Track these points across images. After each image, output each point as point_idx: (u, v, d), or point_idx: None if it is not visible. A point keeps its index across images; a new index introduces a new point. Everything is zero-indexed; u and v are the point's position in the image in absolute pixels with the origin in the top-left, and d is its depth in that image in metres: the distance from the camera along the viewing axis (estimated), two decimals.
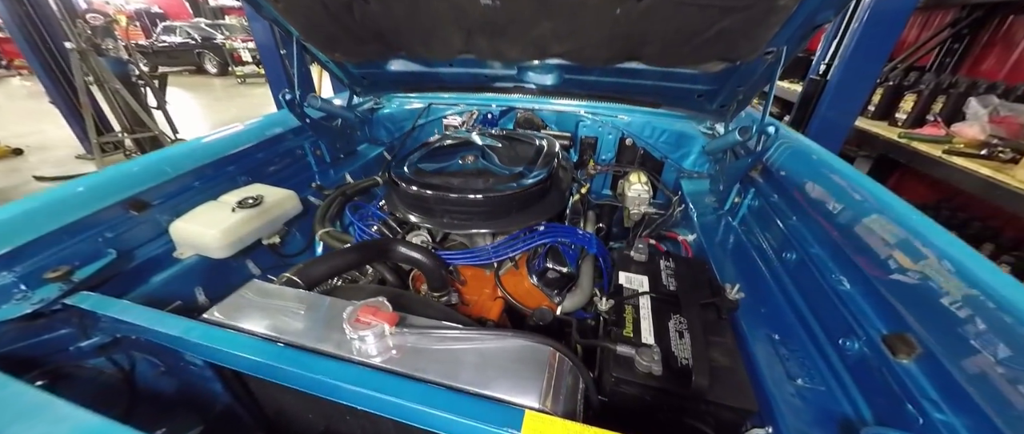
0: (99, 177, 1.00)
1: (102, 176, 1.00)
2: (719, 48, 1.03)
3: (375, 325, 0.57)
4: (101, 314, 0.69)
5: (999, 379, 0.48)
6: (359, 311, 0.58)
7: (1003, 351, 0.49)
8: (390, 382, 0.53)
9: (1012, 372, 0.47)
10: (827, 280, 0.78)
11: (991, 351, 0.50)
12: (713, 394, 0.59)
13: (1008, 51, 2.58)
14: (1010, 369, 0.47)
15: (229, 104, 8.98)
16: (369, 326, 0.57)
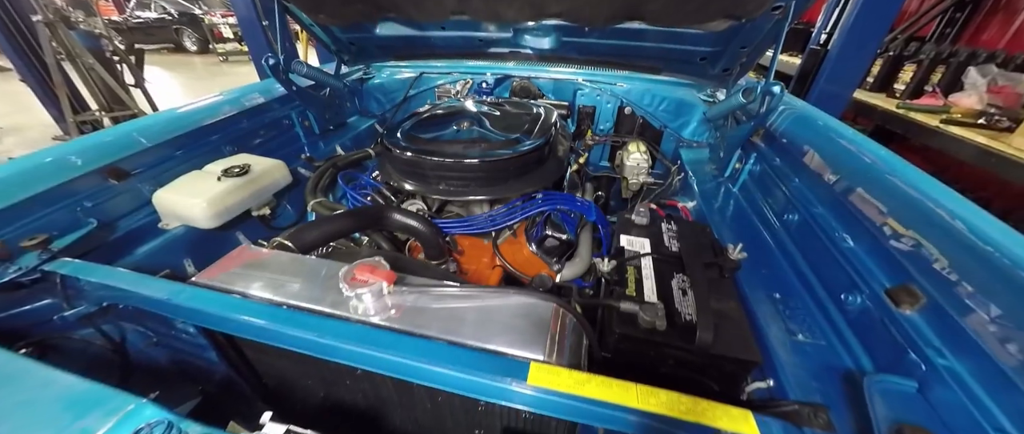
0: (73, 145, 0.94)
1: (76, 144, 0.95)
2: (726, 3, 0.99)
3: (372, 283, 0.55)
4: (83, 280, 0.66)
5: (1002, 324, 0.47)
6: (356, 269, 0.56)
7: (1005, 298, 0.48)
8: (390, 338, 0.51)
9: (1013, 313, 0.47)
10: (830, 239, 0.77)
11: (994, 299, 0.49)
12: (717, 348, 0.58)
13: (1010, 19, 2.54)
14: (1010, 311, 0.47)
15: (211, 83, 8.64)
16: (366, 284, 0.55)
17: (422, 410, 0.70)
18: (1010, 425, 0.45)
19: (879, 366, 0.58)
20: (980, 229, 0.55)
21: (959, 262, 0.54)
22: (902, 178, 0.71)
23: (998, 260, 0.51)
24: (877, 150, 0.82)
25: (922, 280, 0.58)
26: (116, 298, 0.69)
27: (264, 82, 1.52)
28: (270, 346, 0.63)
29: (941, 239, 0.58)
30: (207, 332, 0.73)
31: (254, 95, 1.38)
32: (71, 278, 0.71)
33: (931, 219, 0.60)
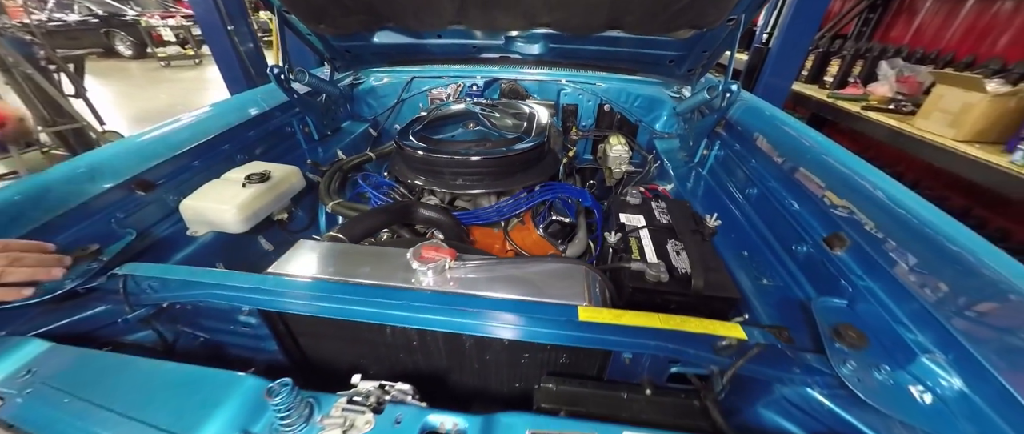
0: (99, 156, 0.97)
1: (102, 155, 0.98)
2: (690, 16, 1.18)
3: (439, 259, 0.67)
4: (169, 279, 0.73)
5: (898, 254, 0.68)
6: (422, 248, 0.68)
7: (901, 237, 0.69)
8: (465, 300, 0.64)
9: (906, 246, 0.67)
10: (781, 204, 0.98)
11: (896, 238, 0.70)
12: (707, 291, 0.76)
13: (911, 18, 3.00)
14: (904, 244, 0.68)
15: (156, 91, 8.00)
16: (434, 260, 0.67)
17: (470, 372, 0.82)
18: (907, 320, 0.65)
19: (820, 292, 0.78)
20: (887, 191, 0.76)
21: (874, 216, 0.75)
22: (830, 154, 0.92)
23: (902, 214, 0.71)
24: (813, 135, 1.04)
25: (848, 229, 0.79)
26: (188, 297, 0.75)
27: (258, 91, 1.55)
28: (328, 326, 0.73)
29: (861, 200, 0.79)
30: (269, 319, 0.81)
31: (255, 104, 1.42)
32: (136, 282, 0.77)
33: (851, 185, 0.81)
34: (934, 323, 0.60)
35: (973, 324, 0.57)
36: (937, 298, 0.61)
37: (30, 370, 0.62)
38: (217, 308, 0.81)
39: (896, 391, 0.57)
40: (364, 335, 0.79)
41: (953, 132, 1.86)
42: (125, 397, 0.58)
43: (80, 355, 0.66)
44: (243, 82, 3.47)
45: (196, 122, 1.23)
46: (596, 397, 0.69)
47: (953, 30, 2.65)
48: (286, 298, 0.68)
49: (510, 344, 0.73)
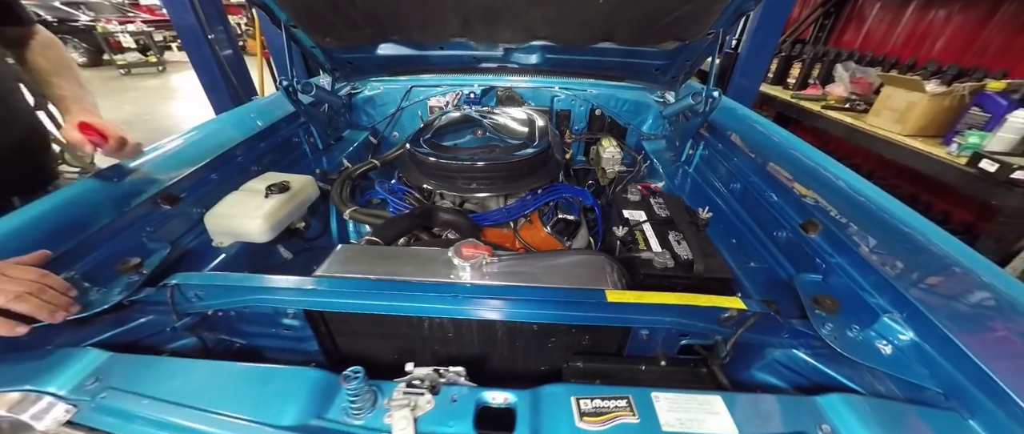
0: (122, 172, 0.99)
1: (127, 171, 1.00)
2: (675, 30, 1.31)
3: (478, 255, 0.75)
4: (217, 286, 0.77)
5: (860, 236, 0.82)
6: (463, 246, 0.76)
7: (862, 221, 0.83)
8: (504, 290, 0.72)
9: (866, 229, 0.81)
10: (761, 196, 1.12)
11: (859, 222, 0.84)
12: (707, 273, 0.87)
13: (860, 25, 3.31)
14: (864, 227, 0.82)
15: (118, 101, 7.57)
16: (474, 257, 0.75)
17: (499, 359, 0.90)
18: (870, 288, 0.78)
19: (799, 270, 0.91)
20: (848, 181, 0.91)
21: (839, 205, 0.89)
22: (799, 150, 1.07)
23: (862, 202, 0.86)
24: (784, 134, 1.19)
25: (819, 216, 0.92)
26: (236, 303, 0.80)
27: (257, 103, 1.58)
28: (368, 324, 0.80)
29: (828, 191, 0.93)
30: (313, 320, 0.86)
31: (260, 116, 1.45)
32: (183, 291, 0.80)
33: (819, 178, 0.96)
34: (891, 290, 0.73)
35: (921, 289, 0.70)
36: (893, 270, 0.75)
37: (97, 378, 0.66)
38: (261, 313, 0.86)
39: (865, 345, 0.69)
40: (402, 330, 0.86)
41: (900, 128, 2.10)
42: (198, 395, 0.63)
43: (141, 360, 0.70)
44: (223, 89, 3.40)
45: (208, 135, 1.26)
46: (619, 370, 0.79)
47: (896, 36, 2.96)
48: (340, 298, 0.74)
49: (539, 329, 0.82)
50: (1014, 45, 2.23)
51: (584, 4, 1.20)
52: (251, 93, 3.63)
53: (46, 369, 0.66)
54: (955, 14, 2.56)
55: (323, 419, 0.60)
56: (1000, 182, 1.59)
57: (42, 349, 0.73)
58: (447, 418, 0.60)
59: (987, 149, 1.69)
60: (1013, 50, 2.23)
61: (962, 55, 2.45)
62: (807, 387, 0.75)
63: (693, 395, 0.61)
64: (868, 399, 0.61)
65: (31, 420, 0.61)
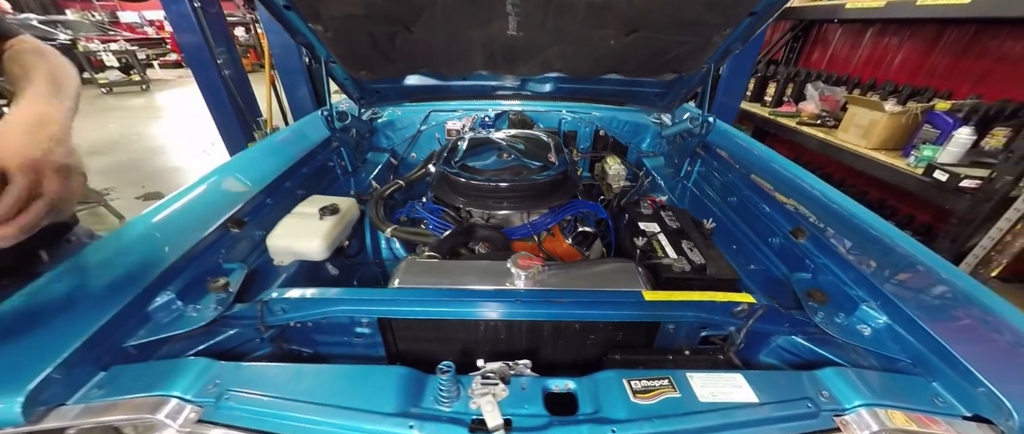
0: (201, 199, 1.10)
1: (203, 198, 1.11)
2: (674, 64, 1.51)
3: (534, 266, 0.89)
4: (303, 300, 0.88)
5: (839, 239, 1.00)
6: (519, 258, 0.90)
7: (841, 227, 1.01)
8: (558, 294, 0.86)
9: (844, 234, 0.99)
10: (755, 207, 1.30)
11: (838, 229, 1.02)
12: (718, 275, 1.04)
13: (826, 48, 3.66)
14: (843, 233, 1.00)
15: (103, 120, 7.43)
16: (530, 267, 0.89)
17: (544, 356, 1.04)
18: (851, 283, 0.95)
19: (792, 270, 1.09)
20: (825, 193, 1.10)
21: (821, 215, 1.07)
22: (783, 167, 1.26)
23: (839, 211, 1.04)
24: (771, 154, 1.39)
25: (804, 223, 1.11)
26: (318, 314, 0.91)
27: (291, 130, 1.71)
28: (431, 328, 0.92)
29: (808, 201, 1.11)
30: (382, 326, 0.98)
31: (296, 144, 1.57)
32: (269, 306, 0.91)
33: (801, 191, 1.14)
34: (867, 284, 0.91)
35: (890, 282, 0.88)
36: (867, 267, 0.92)
37: (216, 382, 0.76)
38: (337, 323, 0.97)
39: (850, 328, 0.86)
40: (458, 333, 0.98)
41: (865, 142, 2.37)
42: (310, 392, 0.74)
43: (246, 366, 0.80)
44: (229, 109, 3.46)
45: (254, 162, 1.37)
46: (650, 360, 0.94)
47: (857, 58, 3.30)
48: (418, 306, 0.86)
49: (581, 327, 0.96)
50: (956, 68, 2.55)
51: (598, 44, 1.39)
52: (255, 113, 3.70)
53: (166, 377, 0.76)
54: (906, 40, 2.90)
55: (418, 407, 0.72)
56: (951, 190, 1.84)
57: (152, 361, 0.82)
58: (521, 402, 0.73)
59: (939, 161, 1.95)
60: (956, 73, 2.56)
61: (914, 76, 2.78)
62: (805, 365, 0.92)
63: (719, 374, 0.76)
64: (855, 370, 0.77)
65: (167, 419, 0.71)
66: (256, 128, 3.60)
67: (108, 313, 0.78)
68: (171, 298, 0.91)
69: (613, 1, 1.17)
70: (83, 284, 0.85)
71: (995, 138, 1.94)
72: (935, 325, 0.77)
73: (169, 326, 0.86)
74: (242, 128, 3.57)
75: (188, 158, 5.55)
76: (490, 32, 1.35)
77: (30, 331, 0.73)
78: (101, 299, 0.81)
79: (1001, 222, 1.69)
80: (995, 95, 2.19)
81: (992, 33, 2.29)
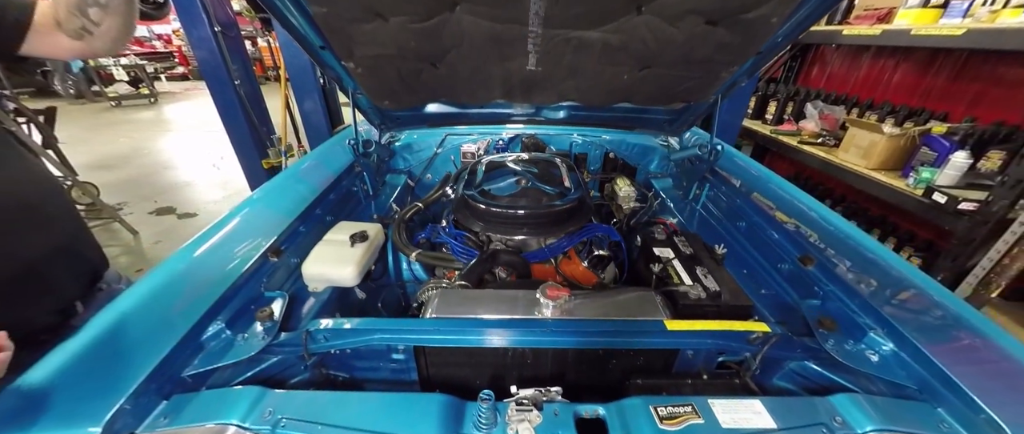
0: (239, 230, 1.17)
1: (241, 229, 1.17)
2: (683, 96, 1.59)
3: (561, 297, 0.95)
4: (345, 329, 0.94)
5: (845, 267, 1.06)
6: (548, 289, 0.96)
7: (846, 255, 1.08)
8: (584, 322, 0.93)
9: (850, 262, 1.06)
10: (764, 233, 1.37)
11: (844, 257, 1.09)
12: (732, 301, 1.10)
13: (825, 68, 3.77)
14: (849, 261, 1.06)
15: (112, 134, 7.54)
16: (557, 297, 0.95)
17: (567, 380, 1.09)
18: (858, 310, 1.01)
19: (802, 297, 1.15)
20: (830, 220, 1.16)
21: (826, 240, 1.14)
22: (790, 195, 1.33)
23: (844, 238, 1.11)
24: (776, 179, 1.46)
25: (812, 251, 1.17)
26: (359, 342, 0.97)
27: (315, 155, 1.79)
28: (462, 355, 0.98)
29: (815, 228, 1.18)
30: (416, 353, 1.03)
31: (321, 171, 1.64)
32: (312, 334, 0.97)
33: (806, 217, 1.21)
34: (872, 311, 0.97)
35: (895, 310, 0.94)
36: (873, 296, 0.99)
37: (271, 410, 0.82)
38: (375, 350, 1.02)
39: (859, 355, 0.92)
40: (488, 359, 1.04)
41: (865, 162, 2.44)
42: (359, 418, 0.80)
43: (296, 394, 0.86)
44: (243, 124, 3.53)
45: (288, 191, 1.44)
46: (671, 385, 0.99)
47: (856, 78, 3.40)
48: (454, 334, 0.92)
49: (604, 353, 1.01)
50: (951, 90, 2.64)
51: (611, 79, 1.47)
52: (268, 128, 3.78)
53: (223, 405, 0.81)
54: (902, 61, 3.00)
55: (459, 433, 0.78)
56: (950, 212, 1.90)
57: (207, 390, 0.88)
58: (554, 428, 0.78)
59: (937, 183, 2.02)
60: (951, 94, 2.65)
61: (911, 97, 2.87)
62: (818, 390, 0.97)
63: (738, 400, 0.82)
64: (866, 396, 0.83)
65: None
66: (270, 145, 3.68)
67: (169, 344, 0.84)
68: (221, 328, 0.96)
69: (628, 42, 1.26)
70: (140, 319, 0.90)
71: (991, 161, 2.02)
72: (938, 352, 0.83)
73: (221, 355, 0.91)
74: (255, 143, 3.65)
75: (198, 172, 5.63)
76: (510, 67, 1.43)
77: (99, 366, 0.78)
78: (160, 331, 0.87)
79: (999, 244, 1.76)
80: (990, 117, 2.28)
81: (983, 58, 2.39)
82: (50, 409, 0.69)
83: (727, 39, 1.19)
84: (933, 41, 2.11)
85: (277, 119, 3.92)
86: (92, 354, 0.80)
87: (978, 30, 1.90)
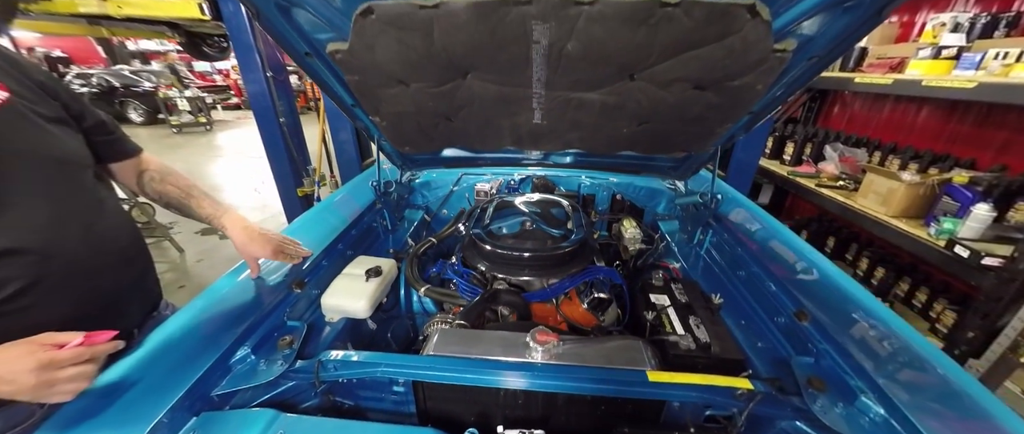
0: (274, 264, 1.32)
1: (275, 263, 1.32)
2: (683, 147, 1.67)
3: (549, 342, 1.02)
4: (354, 361, 1.04)
5: (841, 325, 1.07)
6: (537, 333, 1.03)
7: (843, 313, 1.09)
8: (570, 368, 0.98)
9: (846, 321, 1.07)
10: (763, 285, 1.38)
11: (840, 314, 1.10)
12: (722, 354, 1.12)
13: (846, 109, 3.74)
14: (845, 319, 1.07)
15: (172, 157, 8.39)
16: (546, 343, 1.02)
17: (557, 423, 1.13)
18: (850, 371, 1.01)
19: (797, 352, 1.15)
20: (829, 274, 1.18)
21: (822, 296, 1.15)
22: (790, 246, 1.35)
23: (841, 294, 1.12)
24: (778, 227, 1.48)
25: (807, 306, 1.18)
26: (364, 373, 1.06)
27: (344, 191, 1.97)
28: (457, 392, 1.05)
29: (812, 283, 1.19)
30: (415, 387, 1.11)
31: (345, 207, 1.81)
32: (324, 364, 1.08)
33: (805, 272, 1.23)
34: (864, 374, 0.97)
35: (889, 376, 0.94)
36: (867, 357, 0.99)
37: (281, 432, 0.91)
38: (378, 381, 1.11)
39: (849, 419, 0.92)
40: (482, 398, 1.10)
41: (885, 209, 2.38)
42: None
43: (307, 420, 0.95)
44: (284, 155, 3.88)
45: (317, 225, 1.60)
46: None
47: (878, 121, 3.35)
48: (448, 372, 1.00)
49: (593, 399, 1.05)
50: (978, 136, 2.57)
51: (612, 131, 1.58)
52: (305, 159, 4.12)
53: (243, 425, 0.92)
54: (925, 106, 2.95)
55: None
56: (974, 266, 1.82)
57: (230, 410, 0.99)
58: None
59: (960, 235, 1.94)
60: (979, 140, 2.57)
61: (935, 142, 2.80)
62: None
63: None
64: None
65: None
66: (305, 175, 4.00)
67: (203, 367, 0.97)
68: (247, 352, 1.09)
69: (625, 102, 1.37)
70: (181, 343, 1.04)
71: (1020, 212, 1.93)
72: (932, 427, 0.82)
73: (245, 378, 1.03)
74: (293, 172, 3.99)
75: (242, 195, 6.13)
76: (517, 121, 1.58)
77: (146, 383, 0.92)
78: (196, 354, 1.00)
79: None
80: (1021, 166, 2.19)
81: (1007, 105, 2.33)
82: (106, 415, 0.82)
83: (716, 102, 1.28)
84: (945, 92, 2.10)
85: (313, 146, 4.27)
86: (141, 372, 0.94)
87: (991, 84, 1.88)
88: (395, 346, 1.63)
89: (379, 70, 1.24)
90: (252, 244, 1.20)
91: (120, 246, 1.07)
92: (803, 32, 1.05)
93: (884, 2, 0.92)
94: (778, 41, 1.04)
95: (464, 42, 1.09)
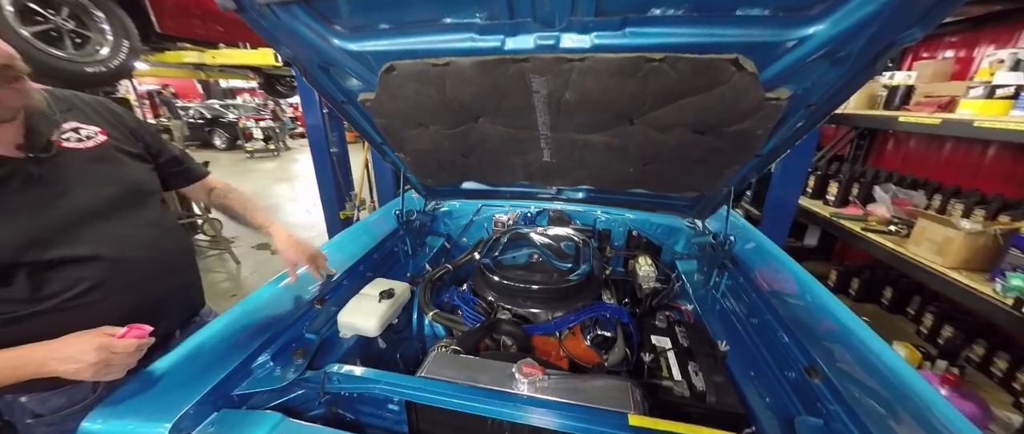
0: (302, 281, 1.48)
1: (303, 280, 1.49)
2: (693, 187, 1.67)
3: (534, 375, 1.05)
4: (357, 376, 1.14)
5: (855, 387, 0.99)
6: (524, 365, 1.06)
7: (859, 373, 1.01)
8: (551, 404, 1.00)
9: (861, 383, 0.99)
10: (775, 335, 1.31)
11: (855, 376, 1.02)
12: (719, 406, 1.07)
13: (900, 148, 3.46)
14: (860, 382, 0.99)
15: (243, 179, 9.49)
16: (531, 375, 1.05)
17: None
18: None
19: (807, 411, 1.07)
20: (850, 329, 1.10)
21: (837, 353, 1.08)
22: (806, 292, 1.28)
23: (859, 353, 1.05)
24: (798, 272, 1.41)
25: (818, 363, 1.11)
26: (364, 389, 1.15)
27: (376, 216, 2.16)
28: (448, 416, 1.09)
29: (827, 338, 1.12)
30: (408, 407, 1.17)
31: (370, 233, 1.98)
32: (330, 376, 1.18)
33: (821, 325, 1.16)
34: None
35: None
36: (878, 425, 0.91)
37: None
38: (376, 397, 1.19)
39: None
40: (470, 424, 1.13)
41: (941, 259, 2.14)
42: None
43: (306, 426, 1.04)
44: (331, 181, 4.29)
45: (345, 247, 1.78)
46: None
47: (937, 160, 3.06)
48: (436, 395, 1.06)
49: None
50: None
51: (619, 170, 1.63)
52: (348, 184, 4.52)
53: (252, 425, 1.02)
54: (993, 146, 2.67)
55: None
56: None
57: (244, 409, 1.11)
58: None
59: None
60: None
61: (1006, 186, 2.50)
62: None
63: None
64: None
65: None
66: (348, 199, 4.37)
67: (229, 367, 1.11)
68: (267, 359, 1.23)
69: (627, 144, 1.43)
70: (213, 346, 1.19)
71: None
72: None
73: (262, 382, 1.16)
74: (338, 197, 4.38)
75: (295, 215, 6.76)
76: (528, 159, 1.68)
77: (180, 378, 1.06)
78: (224, 356, 1.15)
79: None
80: None
81: None
82: (145, 402, 0.97)
83: (718, 145, 1.30)
84: (997, 134, 1.91)
85: (357, 172, 4.68)
86: (176, 369, 1.09)
87: None
88: (402, 367, 1.71)
89: (401, 115, 1.42)
90: (291, 251, 1.39)
91: (171, 259, 1.27)
92: (797, 81, 1.06)
93: (876, 54, 0.93)
94: (770, 89, 1.06)
95: (472, 92, 1.23)
